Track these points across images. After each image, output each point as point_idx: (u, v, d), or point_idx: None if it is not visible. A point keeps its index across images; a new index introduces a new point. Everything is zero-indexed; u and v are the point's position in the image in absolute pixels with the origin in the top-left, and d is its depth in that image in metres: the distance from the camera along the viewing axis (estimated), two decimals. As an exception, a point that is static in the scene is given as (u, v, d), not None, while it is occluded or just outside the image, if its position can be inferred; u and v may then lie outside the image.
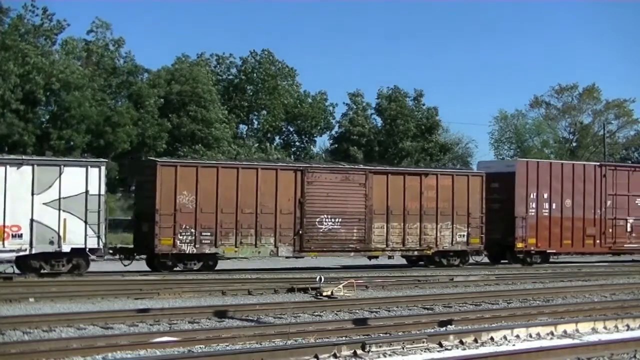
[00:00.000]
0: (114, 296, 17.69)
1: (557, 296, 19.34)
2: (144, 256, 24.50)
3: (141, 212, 25.02)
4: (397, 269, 26.54)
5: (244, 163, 26.49)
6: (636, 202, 31.66)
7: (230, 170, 24.50)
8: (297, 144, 56.62)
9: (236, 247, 24.25)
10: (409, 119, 54.30)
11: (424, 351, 11.03)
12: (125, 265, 23.70)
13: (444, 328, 13.45)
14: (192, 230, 23.55)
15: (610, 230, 31.01)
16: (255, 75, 53.19)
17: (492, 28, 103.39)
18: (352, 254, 26.40)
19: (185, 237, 23.46)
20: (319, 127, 55.64)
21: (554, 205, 29.62)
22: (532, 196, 29.27)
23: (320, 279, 19.28)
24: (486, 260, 29.86)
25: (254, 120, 55.37)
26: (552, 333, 12.56)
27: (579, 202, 30.14)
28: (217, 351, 10.92)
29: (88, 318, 13.87)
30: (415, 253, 27.27)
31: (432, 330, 13.06)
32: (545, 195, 29.50)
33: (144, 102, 44.78)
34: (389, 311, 16.16)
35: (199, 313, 14.76)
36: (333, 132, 57.05)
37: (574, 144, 65.48)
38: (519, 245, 28.90)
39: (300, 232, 25.01)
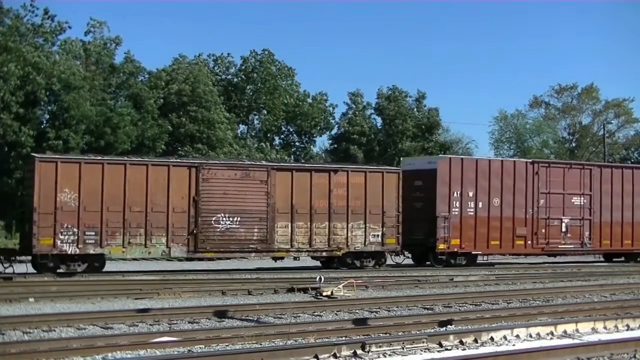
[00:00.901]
0: (114, 296, 17.69)
1: (557, 296, 19.33)
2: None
3: (23, 211, 24.12)
4: (397, 269, 26.55)
5: (132, 159, 24.89)
6: (572, 201, 30.36)
7: (117, 167, 23.28)
8: (297, 144, 56.64)
9: (124, 247, 23.06)
10: (407, 119, 54.33)
11: (424, 351, 11.02)
12: (4, 268, 22.43)
13: (444, 328, 13.44)
14: (75, 230, 22.37)
15: (543, 230, 29.64)
16: (255, 75, 53.21)
17: (492, 28, 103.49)
18: (253, 254, 25.10)
19: (66, 237, 22.27)
20: (318, 127, 55.66)
21: (480, 204, 28.24)
22: (455, 194, 27.83)
23: (320, 279, 19.30)
24: (407, 262, 28.55)
25: (255, 120, 55.42)
26: (552, 333, 12.55)
27: (508, 200, 28.84)
28: (217, 351, 10.91)
29: (88, 318, 13.87)
30: (324, 254, 25.84)
31: (432, 330, 13.06)
32: (471, 194, 28.10)
33: (143, 102, 44.80)
34: (389, 311, 16.16)
35: (199, 313, 14.75)
36: (333, 132, 57.10)
37: (574, 144, 65.47)
38: (441, 246, 27.45)
39: (195, 231, 23.81)
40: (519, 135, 64.25)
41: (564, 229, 30.05)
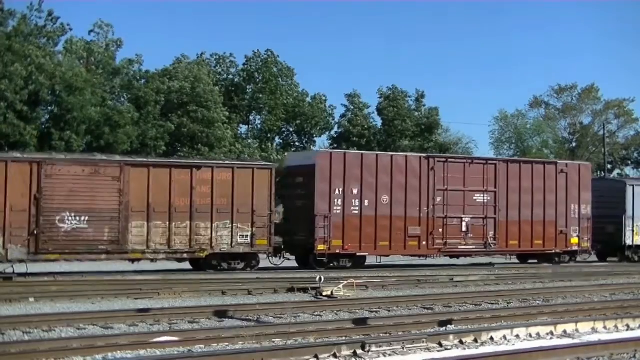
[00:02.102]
0: (114, 296, 17.71)
1: (557, 296, 19.35)
2: None
3: None
4: (397, 269, 26.55)
5: None
6: (474, 198, 28.26)
7: None
8: (297, 144, 56.65)
9: None
10: (406, 119, 54.36)
11: (424, 351, 11.03)
12: None
13: (444, 328, 13.45)
14: None
15: (440, 230, 27.54)
16: (257, 75, 53.25)
17: (492, 28, 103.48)
18: (104, 256, 23.03)
19: None
20: (318, 128, 55.69)
21: (366, 202, 26.24)
22: (337, 192, 25.86)
23: (320, 279, 19.30)
24: (290, 264, 26.91)
25: (257, 120, 55.47)
26: (552, 333, 12.57)
27: (399, 198, 26.77)
28: (217, 351, 10.92)
29: (88, 318, 13.88)
30: (185, 256, 24.05)
31: (432, 330, 13.07)
32: (356, 191, 26.10)
33: (146, 104, 44.86)
34: (389, 311, 16.17)
35: (199, 313, 14.77)
36: (332, 133, 57.13)
37: (574, 144, 65.48)
38: (320, 247, 25.54)
39: (36, 232, 22.00)
40: (519, 135, 64.25)
41: (464, 229, 27.96)
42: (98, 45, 46.33)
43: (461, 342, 11.55)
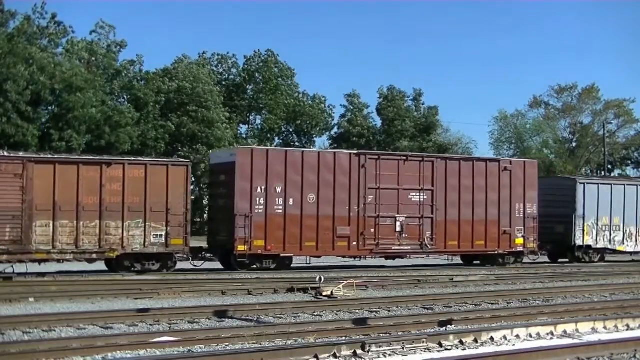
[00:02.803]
0: (114, 296, 17.71)
1: (557, 296, 19.34)
2: None
3: None
4: (397, 269, 26.55)
5: None
6: (410, 197, 26.96)
7: None
8: (297, 144, 56.69)
9: None
10: (406, 119, 54.37)
11: (424, 351, 11.02)
12: None
13: (444, 328, 13.45)
14: None
15: (372, 230, 26.24)
16: (257, 75, 53.27)
17: (492, 28, 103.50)
18: (5, 257, 21.69)
19: None
20: (318, 128, 55.71)
21: (290, 201, 25.04)
22: (259, 190, 24.68)
23: (320, 279, 19.30)
24: (214, 265, 26.00)
25: (257, 120, 55.50)
26: (552, 333, 12.56)
27: (327, 197, 25.54)
28: (217, 351, 10.92)
29: (88, 318, 13.88)
30: (94, 256, 22.85)
31: (432, 330, 13.06)
32: (279, 189, 24.92)
33: (146, 104, 44.88)
34: (389, 311, 16.16)
35: (199, 313, 14.76)
36: (332, 133, 57.15)
37: (574, 144, 65.46)
38: (240, 247, 24.36)
39: None
40: (519, 135, 64.23)
41: (398, 229, 26.64)
42: (100, 46, 46.36)
43: (461, 342, 11.55)
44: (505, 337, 12.01)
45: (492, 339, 11.89)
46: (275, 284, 20.02)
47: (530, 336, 12.29)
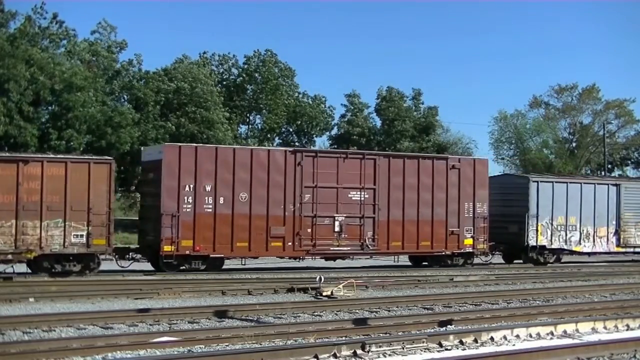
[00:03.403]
0: (114, 296, 17.72)
1: (557, 296, 19.37)
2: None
3: None
4: (397, 269, 26.55)
5: None
6: (349, 196, 25.97)
7: None
8: (297, 144, 56.69)
9: None
10: (406, 120, 54.38)
11: (424, 351, 11.03)
12: None
13: (444, 328, 13.46)
14: None
15: (309, 230, 25.29)
16: (257, 74, 53.28)
17: (492, 28, 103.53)
18: None
19: None
20: (318, 128, 55.71)
21: (221, 200, 24.13)
22: (187, 189, 23.79)
23: (320, 279, 19.31)
24: (142, 267, 24.99)
25: (257, 120, 55.50)
26: (552, 333, 12.57)
27: (260, 196, 24.65)
28: (217, 351, 10.93)
29: (88, 318, 13.89)
30: (10, 257, 21.86)
31: (432, 330, 13.07)
32: (209, 188, 24.02)
33: (146, 104, 44.91)
34: (389, 311, 16.17)
35: (199, 313, 14.77)
36: (332, 133, 57.15)
37: (574, 144, 65.46)
38: (167, 248, 23.44)
39: None
40: (518, 135, 64.20)
41: (337, 229, 25.72)
42: (101, 46, 46.38)
43: (461, 342, 11.56)
44: (505, 337, 12.02)
45: (492, 339, 11.89)
46: (275, 284, 20.04)
47: (530, 336, 12.30)
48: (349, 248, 26.08)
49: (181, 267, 23.93)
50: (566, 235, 30.80)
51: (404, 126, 54.07)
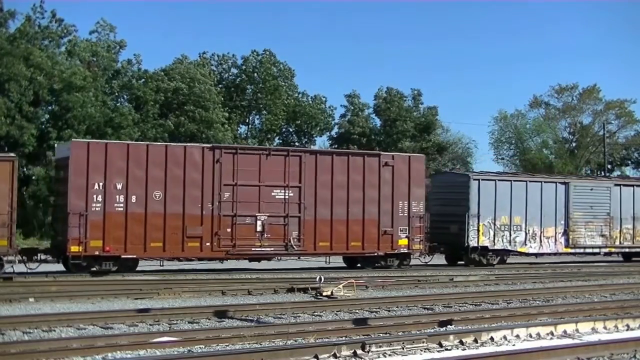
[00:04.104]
0: (114, 296, 17.72)
1: (557, 296, 19.37)
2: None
3: None
4: (397, 269, 26.54)
5: None
6: (273, 194, 24.92)
7: None
8: (297, 144, 56.70)
9: None
10: (407, 120, 54.40)
11: (424, 351, 11.03)
12: None
13: (444, 328, 13.46)
14: None
15: (229, 230, 24.27)
16: (256, 75, 53.28)
17: (492, 28, 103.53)
18: None
19: None
20: (318, 128, 55.72)
21: (133, 199, 23.09)
22: (97, 187, 22.73)
23: (320, 279, 19.32)
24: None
25: (255, 120, 55.51)
26: (552, 333, 12.57)
27: (176, 194, 23.65)
28: (217, 351, 10.93)
29: (88, 318, 13.89)
30: None
31: (432, 330, 13.08)
32: (120, 186, 22.99)
33: (145, 103, 44.93)
34: (389, 311, 16.18)
35: (199, 313, 14.78)
36: (332, 133, 57.16)
37: (574, 144, 65.48)
38: (74, 248, 22.34)
39: None
40: (519, 135, 64.22)
41: (259, 228, 24.65)
42: (100, 46, 46.41)
43: (461, 342, 11.56)
44: (505, 337, 12.02)
45: (492, 339, 11.90)
46: (275, 284, 20.04)
47: (530, 336, 12.30)
48: (272, 249, 25.01)
49: (91, 269, 22.93)
50: (510, 235, 29.57)
51: (405, 126, 54.08)
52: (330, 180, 25.67)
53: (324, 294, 18.40)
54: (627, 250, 32.91)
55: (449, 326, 13.63)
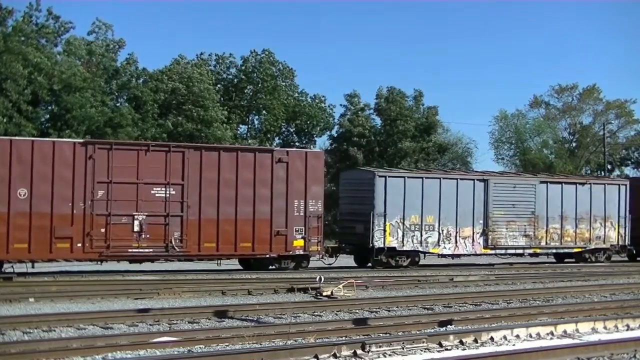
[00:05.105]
0: (114, 296, 17.72)
1: (557, 296, 19.37)
2: None
3: None
4: (397, 269, 26.54)
5: None
6: (152, 192, 23.46)
7: None
8: (297, 144, 56.66)
9: None
10: (408, 120, 54.37)
11: (424, 351, 11.03)
12: None
13: (444, 328, 13.47)
14: None
15: (103, 230, 22.74)
16: (255, 75, 53.26)
17: (492, 28, 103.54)
18: None
19: None
20: (318, 128, 55.69)
21: None
22: None
23: (320, 279, 19.31)
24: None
25: (255, 120, 55.48)
26: (552, 333, 12.58)
27: (43, 192, 22.10)
28: (217, 351, 10.93)
29: (88, 318, 13.90)
30: None
31: (432, 330, 13.08)
32: None
33: (144, 103, 44.93)
34: (389, 311, 16.18)
35: (199, 313, 14.78)
36: (332, 133, 57.12)
37: (574, 144, 65.49)
38: None
39: None
40: (519, 135, 64.22)
41: (137, 228, 23.20)
42: (98, 45, 46.37)
43: (461, 342, 11.56)
44: (505, 337, 12.02)
45: (492, 339, 11.90)
46: (275, 284, 20.04)
47: (530, 336, 12.31)
48: (151, 250, 23.47)
49: None
50: (422, 236, 27.77)
51: (406, 126, 54.04)
52: (217, 177, 24.21)
53: (324, 294, 18.40)
54: (554, 251, 31.24)
55: (449, 326, 13.63)
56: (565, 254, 31.73)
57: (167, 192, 23.64)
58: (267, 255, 24.85)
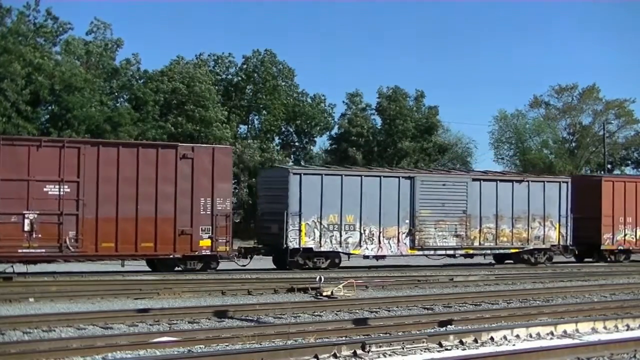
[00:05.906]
0: (114, 296, 17.72)
1: (557, 296, 19.37)
2: None
3: None
4: (397, 269, 26.53)
5: None
6: (45, 189, 22.16)
7: None
8: (297, 144, 56.65)
9: None
10: (408, 119, 54.35)
11: (424, 351, 11.03)
12: None
13: (444, 328, 13.46)
14: None
15: None
16: (256, 75, 53.25)
17: (492, 28, 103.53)
18: None
19: None
20: (318, 128, 55.66)
21: None
22: None
23: (320, 279, 19.30)
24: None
25: (255, 120, 55.48)
26: (552, 333, 12.57)
27: None
28: (217, 351, 10.93)
29: (88, 318, 13.89)
30: None
31: (432, 330, 13.08)
32: None
33: (145, 104, 44.94)
34: (389, 311, 16.18)
35: (199, 313, 14.78)
36: (332, 133, 57.11)
37: (574, 144, 65.49)
38: None
39: None
40: (519, 135, 64.23)
41: (27, 228, 21.85)
42: (97, 45, 46.37)
43: (461, 342, 11.56)
44: (505, 337, 12.02)
45: (492, 339, 11.90)
46: (275, 284, 20.04)
47: (530, 336, 12.30)
48: (43, 250, 22.12)
49: None
50: (341, 236, 26.66)
51: (405, 126, 54.01)
52: (115, 174, 23.03)
53: (324, 294, 18.40)
54: (489, 252, 29.85)
55: (449, 326, 13.63)
56: (502, 254, 30.60)
57: (61, 189, 22.40)
58: (171, 256, 23.80)
